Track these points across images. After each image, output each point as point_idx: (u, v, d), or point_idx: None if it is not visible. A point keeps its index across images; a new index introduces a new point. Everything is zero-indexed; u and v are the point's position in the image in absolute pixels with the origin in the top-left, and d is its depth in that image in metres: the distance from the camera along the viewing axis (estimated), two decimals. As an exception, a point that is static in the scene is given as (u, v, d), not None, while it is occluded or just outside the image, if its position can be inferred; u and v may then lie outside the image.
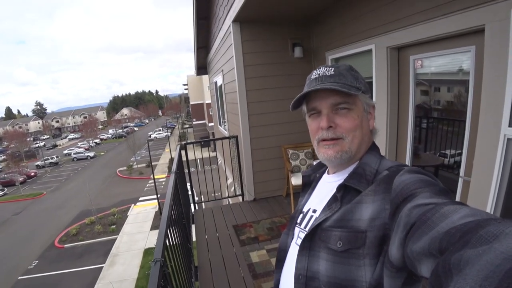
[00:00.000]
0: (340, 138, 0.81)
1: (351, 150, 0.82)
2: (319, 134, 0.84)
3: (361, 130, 0.83)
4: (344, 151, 0.82)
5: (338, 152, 0.82)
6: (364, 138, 0.84)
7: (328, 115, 0.81)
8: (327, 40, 4.08)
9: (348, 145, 0.81)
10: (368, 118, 0.86)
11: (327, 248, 0.75)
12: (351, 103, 0.81)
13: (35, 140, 67.54)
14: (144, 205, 21.11)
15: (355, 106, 0.82)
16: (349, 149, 0.82)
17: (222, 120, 7.48)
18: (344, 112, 0.81)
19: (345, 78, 0.81)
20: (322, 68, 0.85)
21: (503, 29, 1.78)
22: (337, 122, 0.81)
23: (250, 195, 4.71)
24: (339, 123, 0.81)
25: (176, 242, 2.08)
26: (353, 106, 0.81)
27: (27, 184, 31.36)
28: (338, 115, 0.81)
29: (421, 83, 2.77)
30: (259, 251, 3.31)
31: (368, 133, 0.86)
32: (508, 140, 1.86)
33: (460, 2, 2.04)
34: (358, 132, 0.82)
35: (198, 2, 6.29)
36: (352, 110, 0.81)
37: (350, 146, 0.81)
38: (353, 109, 0.81)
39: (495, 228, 0.38)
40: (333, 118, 0.81)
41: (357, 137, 0.82)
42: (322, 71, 0.84)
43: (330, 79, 0.81)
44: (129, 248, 15.45)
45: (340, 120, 0.81)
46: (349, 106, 0.81)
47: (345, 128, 0.81)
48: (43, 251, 16.35)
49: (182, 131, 52.82)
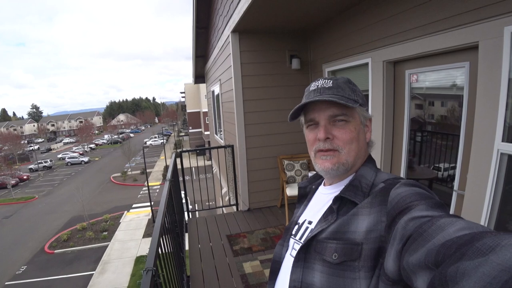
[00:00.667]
0: (336, 150, 0.82)
1: (348, 162, 0.82)
2: (316, 145, 0.84)
3: (358, 143, 0.83)
4: (341, 163, 0.82)
5: (335, 164, 0.82)
6: (361, 151, 0.85)
7: (326, 126, 0.82)
8: (325, 53, 4.13)
9: (345, 157, 0.82)
10: (364, 131, 0.87)
11: (323, 260, 0.75)
12: (349, 115, 0.82)
13: (29, 143, 66.91)
14: (137, 212, 20.87)
15: (352, 118, 0.82)
16: (346, 161, 0.82)
17: (218, 129, 7.49)
18: (342, 124, 0.81)
19: (343, 91, 0.82)
20: (321, 80, 0.86)
21: (496, 46, 1.83)
22: (334, 134, 0.82)
23: (244, 205, 4.69)
24: (336, 135, 0.81)
25: (169, 250, 2.06)
26: (351, 119, 0.82)
27: (19, 187, 30.92)
28: (336, 127, 0.82)
29: (416, 97, 2.80)
30: (252, 262, 3.28)
31: (364, 145, 0.87)
32: (502, 154, 1.89)
33: (455, 19, 2.09)
34: (355, 145, 0.82)
35: (198, 12, 6.36)
36: (350, 122, 0.82)
37: (347, 158, 0.82)
38: (350, 122, 0.82)
39: (491, 241, 0.38)
40: (331, 129, 0.82)
41: (353, 150, 0.82)
42: (320, 83, 0.85)
43: (328, 91, 0.82)
44: (121, 256, 15.21)
45: (337, 132, 0.81)
46: (347, 118, 0.81)
47: (342, 140, 0.81)
48: (33, 256, 16.03)
49: (178, 139, 52.71)
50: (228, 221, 4.40)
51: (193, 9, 6.35)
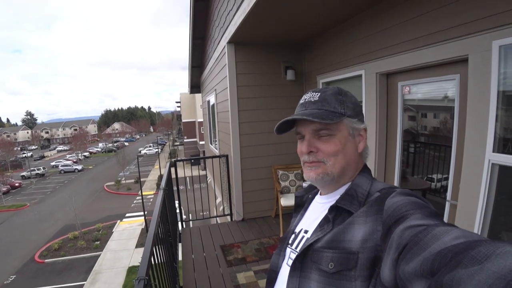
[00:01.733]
0: (321, 162, 0.83)
1: (333, 173, 0.83)
2: (303, 157, 0.86)
3: (344, 155, 0.83)
4: (326, 173, 0.83)
5: (319, 174, 0.83)
6: (349, 162, 0.84)
7: (310, 140, 0.83)
8: (319, 64, 4.19)
9: (330, 168, 0.82)
10: (356, 142, 0.86)
11: (319, 270, 0.74)
12: (333, 129, 0.82)
13: (22, 150, 66.17)
14: (130, 222, 20.60)
15: (337, 131, 0.82)
16: (331, 172, 0.82)
17: (213, 138, 7.49)
18: (326, 138, 0.82)
19: (328, 104, 0.83)
20: (309, 93, 0.87)
21: (485, 60, 1.88)
22: (319, 147, 0.83)
23: (238, 215, 4.67)
24: (321, 148, 0.82)
25: (162, 260, 2.04)
26: (335, 132, 0.82)
27: (10, 194, 30.45)
28: (320, 140, 0.83)
29: (409, 108, 2.85)
30: (246, 272, 3.26)
31: (354, 156, 0.86)
32: (493, 165, 1.92)
33: (446, 33, 2.15)
34: (340, 157, 0.82)
35: (195, 23, 6.43)
36: (334, 135, 0.82)
37: (331, 169, 0.82)
38: (335, 135, 0.82)
39: (486, 249, 0.39)
40: (315, 143, 0.83)
41: (339, 162, 0.82)
42: (308, 96, 0.86)
43: (313, 106, 0.83)
44: (113, 266, 14.95)
45: (322, 145, 0.82)
46: (330, 132, 0.82)
47: (326, 153, 0.82)
48: (22, 266, 15.70)
49: (173, 148, 52.51)
50: (222, 231, 4.37)
51: (190, 20, 6.43)
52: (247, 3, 3.00)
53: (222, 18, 4.36)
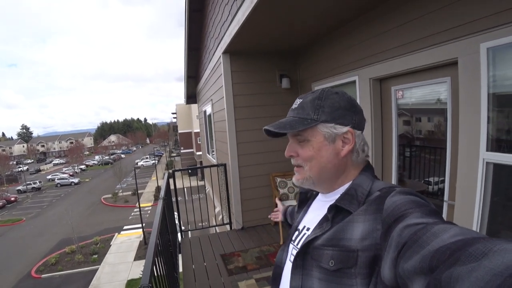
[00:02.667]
0: (301, 166, 0.88)
1: (311, 177, 0.86)
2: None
3: (318, 160, 0.84)
4: (305, 178, 0.87)
5: (299, 179, 0.89)
6: (326, 166, 0.84)
7: (291, 145, 0.89)
8: (313, 72, 4.25)
9: (308, 173, 0.86)
10: (337, 146, 0.84)
11: (319, 267, 0.76)
12: (306, 135, 0.85)
13: (18, 164, 65.59)
14: (128, 234, 20.39)
15: (312, 137, 0.84)
16: (309, 177, 0.87)
17: (210, 148, 7.50)
18: (303, 143, 0.86)
19: (303, 111, 0.86)
20: (297, 99, 0.91)
21: (474, 62, 1.93)
22: (298, 152, 0.88)
23: (238, 224, 4.66)
24: (299, 153, 0.87)
25: (163, 273, 2.04)
26: (310, 137, 0.85)
27: (6, 209, 30.15)
28: (299, 145, 0.87)
29: (403, 113, 2.89)
30: (247, 280, 3.25)
31: (333, 160, 0.84)
32: (487, 163, 1.96)
33: (435, 37, 2.21)
34: (314, 162, 0.85)
35: (190, 34, 6.50)
36: (309, 141, 0.85)
37: (309, 174, 0.86)
38: (310, 140, 0.85)
39: (483, 246, 0.39)
40: (295, 147, 0.88)
41: (314, 166, 0.85)
42: (294, 103, 0.91)
43: (291, 113, 0.89)
44: (111, 280, 14.72)
45: (300, 150, 0.87)
46: (304, 137, 0.85)
47: (302, 157, 0.87)
48: (18, 281, 15.43)
49: (170, 159, 52.32)
50: (222, 240, 4.36)
51: (185, 32, 6.49)
52: (241, 14, 3.06)
53: (217, 29, 4.42)
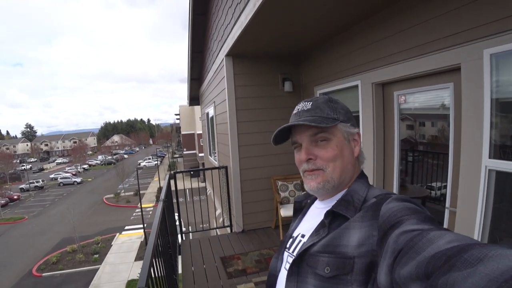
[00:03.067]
0: (320, 169, 0.84)
1: (334, 180, 0.84)
2: (302, 166, 0.87)
3: (342, 159, 0.84)
4: (327, 181, 0.83)
5: (320, 182, 0.84)
6: (347, 166, 0.86)
7: (307, 148, 0.85)
8: (316, 75, 4.25)
9: (330, 175, 0.83)
10: (352, 146, 0.87)
11: (315, 274, 0.75)
12: (329, 133, 0.83)
13: (21, 162, 65.94)
14: (130, 235, 20.40)
15: (333, 136, 0.84)
16: (331, 179, 0.83)
17: (212, 150, 7.51)
18: (323, 143, 0.83)
19: (321, 111, 0.84)
20: (302, 103, 0.89)
21: (477, 68, 1.92)
22: (317, 154, 0.84)
23: (238, 226, 4.66)
24: (319, 154, 0.84)
25: (161, 274, 2.04)
26: (331, 136, 0.83)
27: (8, 207, 30.25)
28: (317, 146, 0.84)
29: (406, 118, 2.88)
30: (247, 283, 3.23)
31: (351, 160, 0.87)
32: (490, 171, 1.94)
33: (438, 42, 2.20)
34: (339, 162, 0.83)
35: (194, 37, 6.53)
36: (331, 140, 0.83)
37: (332, 175, 0.83)
38: (331, 139, 0.83)
39: (479, 252, 0.39)
40: (313, 150, 0.84)
41: (338, 166, 0.83)
42: (301, 106, 0.88)
43: (306, 114, 0.85)
44: (112, 279, 14.73)
45: (319, 151, 0.84)
46: (327, 136, 0.83)
47: (324, 158, 0.83)
48: (19, 280, 15.46)
49: (172, 160, 52.41)
50: (222, 243, 4.35)
51: (189, 34, 6.52)
52: (244, 17, 3.06)
53: (220, 32, 4.44)
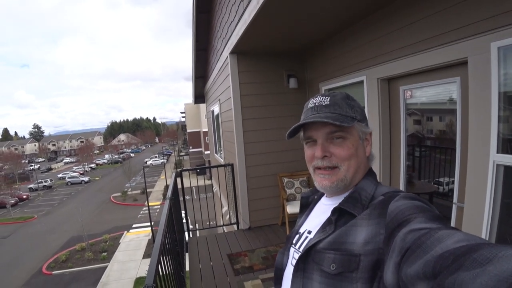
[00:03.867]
0: (335, 167, 0.83)
1: (347, 179, 0.83)
2: (314, 162, 0.86)
3: (356, 159, 0.84)
4: (340, 180, 0.83)
5: (334, 182, 0.83)
6: (360, 166, 0.85)
7: (323, 144, 0.83)
8: (321, 72, 4.22)
9: (344, 173, 0.83)
10: (364, 145, 0.87)
11: (321, 271, 0.75)
12: (346, 132, 0.82)
13: (30, 162, 66.86)
14: (137, 233, 20.61)
15: (350, 135, 0.83)
16: (345, 177, 0.83)
17: (218, 148, 7.52)
18: (339, 141, 0.82)
19: (340, 108, 0.83)
20: (319, 97, 0.87)
21: (484, 61, 1.89)
22: (332, 151, 0.83)
23: (245, 224, 4.67)
24: (334, 152, 0.82)
25: (169, 271, 2.05)
26: (348, 135, 0.83)
27: (18, 206, 30.69)
28: (333, 144, 0.83)
29: (413, 112, 2.85)
30: (253, 280, 3.25)
31: (364, 160, 0.87)
32: (498, 166, 1.91)
33: (444, 36, 2.17)
34: (353, 161, 0.83)
35: (198, 35, 6.52)
36: (347, 139, 0.82)
37: (346, 174, 0.83)
38: (348, 138, 0.82)
39: (488, 252, 0.39)
40: (328, 147, 0.83)
41: (352, 166, 0.83)
42: (318, 100, 0.86)
43: (325, 109, 0.83)
44: (120, 277, 14.91)
45: (335, 149, 0.82)
46: (344, 135, 0.82)
47: (340, 157, 0.82)
48: (30, 277, 15.73)
49: (178, 158, 52.63)
50: (229, 240, 4.37)
51: (193, 32, 6.52)
52: (248, 14, 3.05)
53: (224, 29, 4.43)
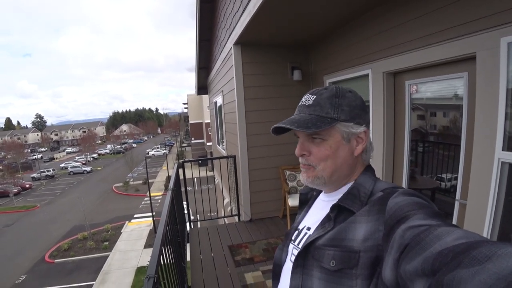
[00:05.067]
0: (312, 166, 0.85)
1: (324, 177, 0.84)
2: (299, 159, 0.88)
3: (334, 160, 0.83)
4: (316, 177, 0.84)
5: (310, 177, 0.85)
6: (341, 167, 0.84)
7: (303, 143, 0.85)
8: (325, 64, 4.18)
9: (320, 173, 0.84)
10: (352, 145, 0.84)
11: (320, 267, 0.75)
12: (324, 134, 0.82)
13: (32, 152, 67.01)
14: (139, 223, 20.75)
15: (329, 136, 0.82)
16: (321, 176, 0.84)
17: (220, 139, 7.52)
18: (318, 141, 0.83)
19: (321, 109, 0.82)
20: (307, 96, 0.86)
21: (493, 57, 1.86)
22: (311, 150, 0.84)
23: (246, 215, 4.68)
24: (313, 152, 0.84)
25: (170, 261, 2.06)
26: (327, 137, 0.82)
27: (21, 195, 30.92)
28: (313, 143, 0.84)
29: (417, 107, 2.83)
30: (254, 272, 3.27)
31: (348, 160, 0.84)
32: (503, 163, 1.90)
33: (453, 30, 2.13)
34: (330, 162, 0.82)
35: (201, 25, 6.47)
36: (325, 140, 0.82)
37: (322, 173, 0.84)
38: (326, 140, 0.82)
39: (487, 250, 0.39)
40: (308, 146, 0.84)
41: (329, 166, 0.83)
42: (305, 99, 0.86)
43: (306, 110, 0.84)
44: (121, 266, 15.08)
45: (314, 149, 0.84)
46: (322, 137, 0.82)
47: (316, 157, 0.83)
48: (33, 265, 15.94)
49: (180, 149, 52.73)
50: (230, 232, 4.39)
51: (197, 23, 6.46)
52: (252, 5, 3.01)
53: (228, 20, 4.39)
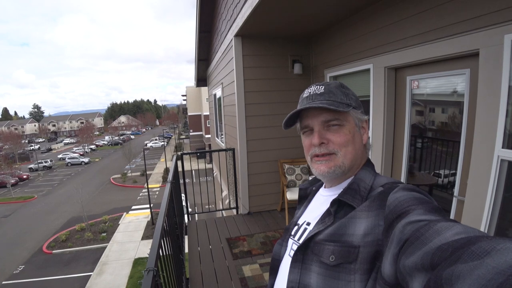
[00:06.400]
0: (333, 153, 0.83)
1: (345, 165, 0.83)
2: (312, 150, 0.86)
3: (354, 145, 0.84)
4: (338, 166, 0.83)
5: (331, 167, 0.83)
6: (358, 153, 0.86)
7: (320, 132, 0.84)
8: (326, 58, 4.16)
9: (341, 159, 0.83)
10: (361, 133, 0.88)
11: (319, 262, 0.75)
12: (342, 119, 0.83)
13: (30, 142, 66.86)
14: (136, 214, 20.80)
15: (346, 122, 0.83)
16: (342, 164, 0.83)
17: (219, 132, 7.50)
18: (336, 128, 0.83)
19: (335, 96, 0.84)
20: (313, 87, 0.87)
21: (496, 54, 1.85)
22: (329, 138, 0.83)
23: (244, 208, 4.70)
24: (331, 139, 0.83)
25: (168, 253, 2.07)
26: (344, 122, 0.83)
27: (18, 186, 30.86)
28: (330, 131, 0.83)
29: (417, 103, 2.82)
30: (251, 265, 3.28)
31: (361, 147, 0.87)
32: (502, 161, 1.90)
33: (456, 26, 2.12)
34: (351, 147, 0.83)
35: (201, 16, 6.41)
36: (344, 126, 0.83)
37: (343, 160, 0.83)
38: (344, 125, 0.83)
39: (486, 244, 0.39)
40: (325, 134, 0.84)
41: (350, 152, 0.83)
42: (313, 90, 0.87)
43: (320, 97, 0.84)
44: (119, 257, 15.15)
45: (332, 136, 0.83)
46: (340, 122, 0.83)
47: (337, 143, 0.83)
48: (31, 256, 15.99)
49: (179, 141, 52.67)
50: (228, 224, 4.40)
51: (197, 14, 6.40)
52: (254, -4, 2.98)
53: (229, 11, 4.34)
